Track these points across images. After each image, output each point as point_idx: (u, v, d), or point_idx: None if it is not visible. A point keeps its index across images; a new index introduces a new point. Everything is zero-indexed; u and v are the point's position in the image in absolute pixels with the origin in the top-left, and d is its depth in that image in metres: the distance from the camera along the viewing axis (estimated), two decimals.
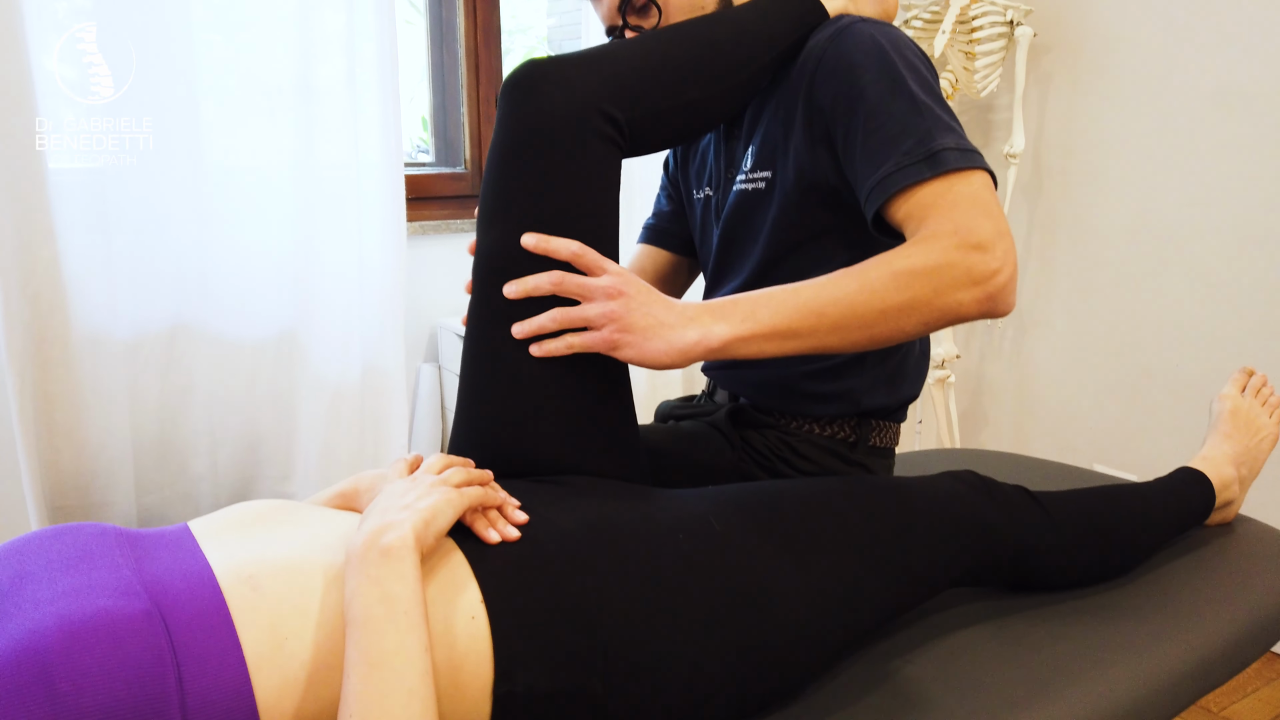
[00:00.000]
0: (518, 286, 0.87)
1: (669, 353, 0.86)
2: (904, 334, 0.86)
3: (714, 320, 0.86)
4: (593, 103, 0.90)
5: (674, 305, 0.88)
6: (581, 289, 0.86)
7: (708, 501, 0.87)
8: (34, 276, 1.56)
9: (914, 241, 0.86)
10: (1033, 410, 2.51)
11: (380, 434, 1.95)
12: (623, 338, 0.86)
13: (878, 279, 0.84)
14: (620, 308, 0.85)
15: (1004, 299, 0.85)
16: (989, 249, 0.83)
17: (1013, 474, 1.30)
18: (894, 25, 1.02)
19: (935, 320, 0.85)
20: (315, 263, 1.82)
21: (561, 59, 0.93)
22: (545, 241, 0.87)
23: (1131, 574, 1.11)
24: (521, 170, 0.90)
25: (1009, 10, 2.22)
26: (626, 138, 0.94)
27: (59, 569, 0.65)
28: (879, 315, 0.84)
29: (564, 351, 0.87)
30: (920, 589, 0.94)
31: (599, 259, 0.87)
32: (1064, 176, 2.35)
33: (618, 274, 0.87)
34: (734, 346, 0.86)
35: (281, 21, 1.72)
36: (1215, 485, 1.19)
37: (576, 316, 0.86)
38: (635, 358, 0.86)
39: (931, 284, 0.83)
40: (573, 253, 0.87)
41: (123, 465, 1.68)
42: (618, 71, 0.94)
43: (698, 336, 0.85)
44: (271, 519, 0.76)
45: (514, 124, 0.90)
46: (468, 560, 0.73)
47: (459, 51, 2.23)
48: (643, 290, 0.88)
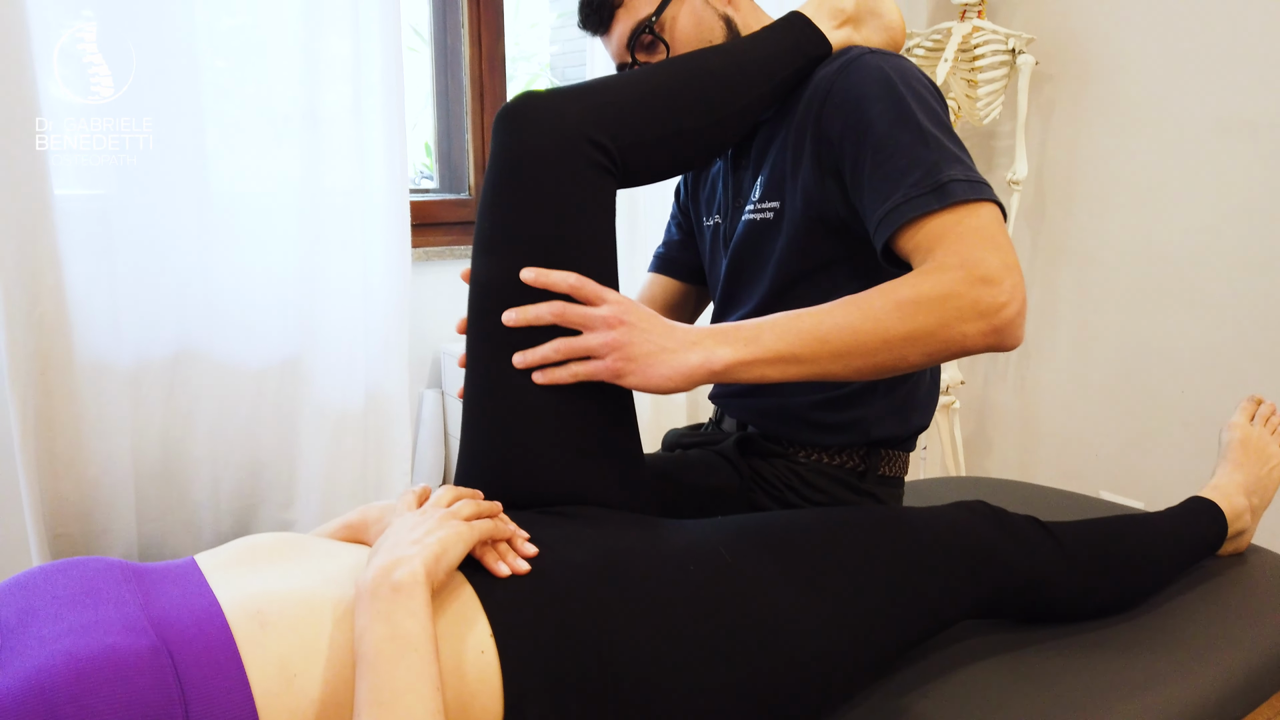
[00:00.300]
0: (517, 315, 0.87)
1: (673, 377, 0.85)
2: (908, 364, 0.86)
3: (717, 344, 0.86)
4: (582, 132, 0.91)
5: (676, 330, 0.88)
6: (583, 319, 0.86)
7: (718, 532, 0.86)
8: (39, 302, 1.56)
9: (921, 272, 0.86)
10: (1037, 436, 2.50)
11: (383, 460, 1.94)
12: (626, 365, 0.85)
13: (881, 308, 0.84)
14: (622, 335, 0.85)
15: (1011, 333, 0.84)
16: (997, 282, 0.83)
17: (1020, 502, 1.29)
18: (902, 55, 1.03)
19: (940, 352, 0.85)
20: (320, 288, 1.82)
21: (554, 91, 0.94)
22: (544, 275, 0.87)
23: (1145, 606, 1.09)
24: (514, 199, 0.90)
25: (1010, 39, 2.23)
26: (619, 166, 0.94)
27: (65, 605, 0.64)
28: (882, 344, 0.84)
29: (568, 380, 0.87)
30: (932, 622, 0.93)
31: (598, 289, 0.88)
32: (1067, 203, 2.36)
33: (618, 302, 0.87)
34: (736, 370, 0.86)
35: (288, 48, 1.73)
36: (1227, 515, 1.18)
37: (579, 346, 0.86)
38: (640, 384, 0.86)
39: (937, 315, 0.83)
40: (571, 285, 0.87)
41: (124, 493, 1.67)
42: (608, 101, 0.95)
43: (700, 360, 0.85)
44: (279, 553, 0.75)
45: (506, 154, 0.91)
46: (477, 594, 0.73)
47: (463, 79, 2.24)
48: (644, 317, 0.87)
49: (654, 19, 1.10)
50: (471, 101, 2.23)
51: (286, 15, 1.72)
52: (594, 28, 1.16)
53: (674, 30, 1.11)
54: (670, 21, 1.11)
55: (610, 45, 1.15)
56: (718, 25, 1.11)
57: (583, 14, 1.16)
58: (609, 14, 1.13)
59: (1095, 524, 1.10)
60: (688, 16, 1.11)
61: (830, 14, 1.09)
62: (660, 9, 1.10)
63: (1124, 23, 2.19)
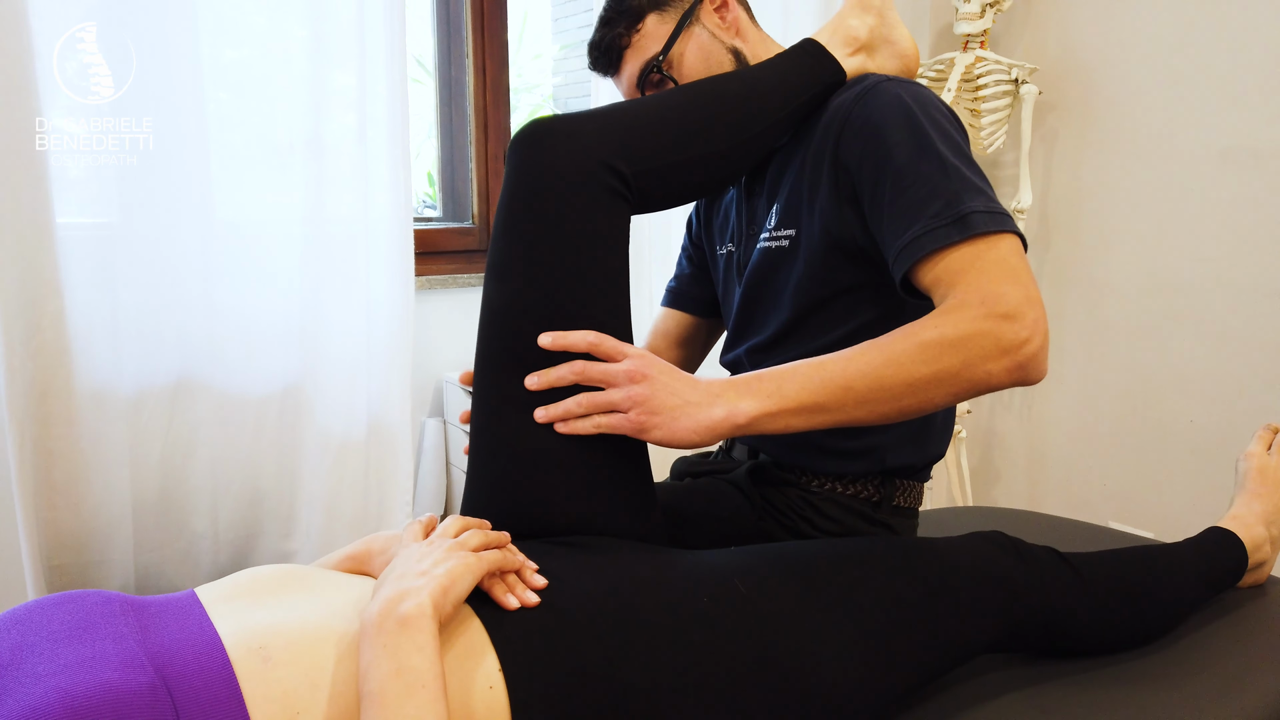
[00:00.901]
0: (539, 379, 0.86)
1: (698, 430, 0.84)
2: (933, 405, 0.85)
3: (739, 396, 0.85)
4: (597, 157, 0.90)
5: (698, 383, 0.87)
6: (605, 375, 0.85)
7: (732, 563, 0.85)
8: (39, 331, 1.55)
9: (941, 311, 0.85)
10: (1044, 466, 2.48)
11: (385, 490, 1.92)
12: (650, 419, 0.85)
13: (904, 351, 0.83)
14: (645, 390, 0.85)
15: (1035, 367, 0.83)
16: (1018, 317, 0.82)
17: (1031, 533, 1.27)
18: (920, 83, 1.02)
19: (965, 391, 0.84)
20: (322, 316, 1.81)
21: (568, 116, 0.94)
22: (562, 337, 0.86)
23: (1165, 639, 1.07)
24: (530, 225, 0.89)
25: (1013, 69, 2.24)
26: (633, 192, 0.93)
27: (61, 640, 0.62)
28: (906, 388, 0.83)
29: (590, 431, 0.86)
30: (951, 655, 0.91)
31: (617, 345, 0.87)
32: (1072, 231, 2.35)
33: (638, 356, 0.87)
34: (761, 422, 0.84)
35: (293, 80, 1.73)
36: (1247, 546, 1.16)
37: (602, 401, 0.85)
38: (664, 438, 0.85)
39: (960, 355, 0.82)
40: (590, 343, 0.86)
41: (121, 523, 1.65)
42: (623, 126, 0.94)
43: (724, 413, 0.84)
44: (282, 585, 0.73)
45: (521, 179, 0.90)
46: (485, 627, 0.71)
47: (468, 109, 2.24)
48: (665, 370, 0.87)
49: (662, 57, 1.10)
50: (476, 131, 2.24)
51: (292, 50, 1.73)
52: (604, 69, 1.16)
53: (682, 66, 1.11)
54: (678, 58, 1.11)
55: (621, 85, 1.16)
56: (726, 58, 1.11)
57: (592, 56, 1.16)
58: (617, 55, 1.13)
59: (1114, 555, 1.07)
60: (695, 52, 1.11)
61: (844, 41, 1.09)
62: (668, 47, 1.10)
63: (1126, 52, 2.20)
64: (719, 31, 1.12)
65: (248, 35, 1.71)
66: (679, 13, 1.11)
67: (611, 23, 1.13)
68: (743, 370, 1.13)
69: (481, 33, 2.21)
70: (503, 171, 2.24)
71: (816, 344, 1.03)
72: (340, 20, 1.75)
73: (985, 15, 2.24)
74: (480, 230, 2.27)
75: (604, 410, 0.86)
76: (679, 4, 1.11)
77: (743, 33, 1.14)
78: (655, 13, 1.11)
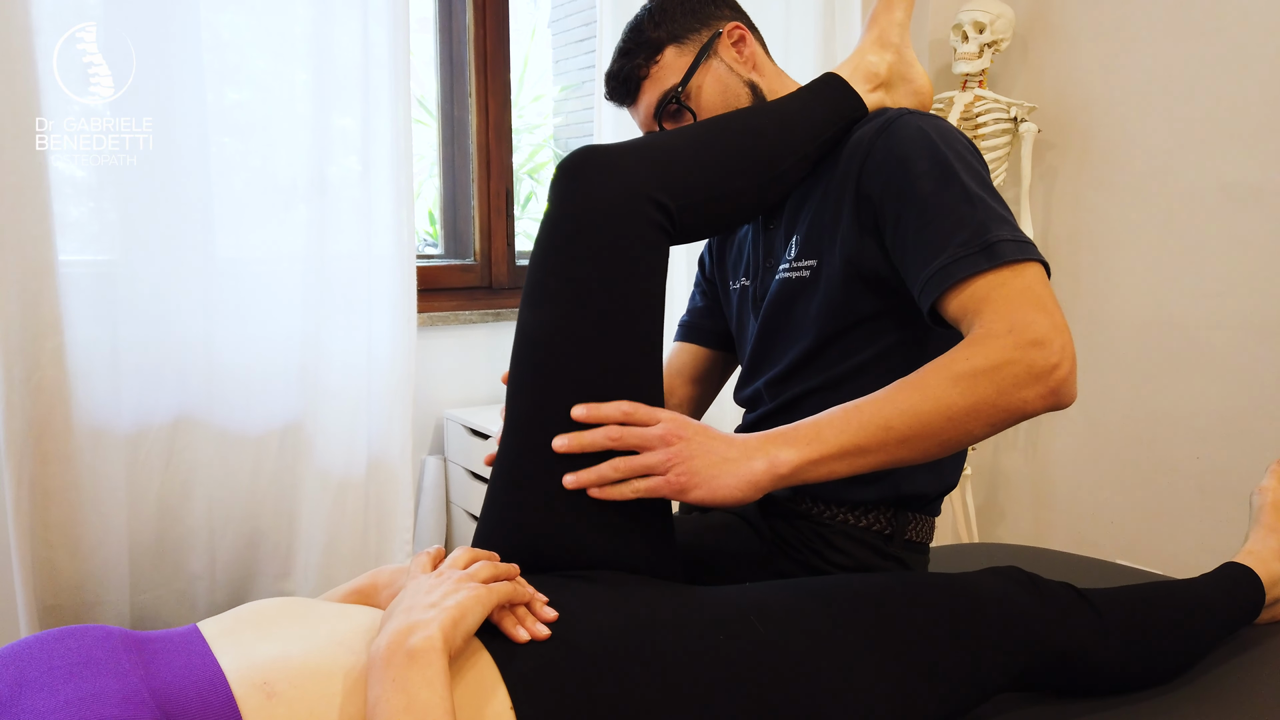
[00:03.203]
0: (569, 441, 0.85)
1: (740, 487, 0.83)
2: (972, 437, 0.84)
3: (778, 448, 0.84)
4: (644, 191, 0.90)
5: (734, 440, 0.86)
6: (641, 440, 0.84)
7: (749, 599, 0.83)
8: (38, 368, 1.53)
9: (970, 341, 0.85)
10: (1050, 503, 2.46)
11: (384, 529, 1.89)
12: (690, 480, 0.83)
13: (939, 385, 0.83)
14: (682, 451, 0.84)
15: (1067, 392, 0.84)
16: (1047, 344, 0.82)
17: (1044, 569, 1.24)
18: (940, 116, 1.03)
19: (1002, 420, 0.83)
20: (323, 354, 1.80)
21: (614, 147, 0.94)
22: (595, 409, 0.85)
23: (1185, 678, 1.05)
24: (573, 255, 0.89)
25: (1012, 108, 2.26)
26: (675, 225, 0.93)
27: (61, 676, 0.60)
28: (946, 422, 0.82)
29: (629, 497, 0.84)
30: (970, 695, 0.88)
31: (650, 411, 0.86)
32: (1074, 269, 2.36)
33: (671, 419, 0.86)
34: (805, 471, 0.84)
35: (296, 121, 1.74)
36: (1264, 581, 1.14)
37: (639, 465, 0.84)
38: (705, 497, 0.84)
39: (994, 385, 0.82)
40: (625, 413, 0.85)
41: (118, 563, 1.62)
42: (669, 160, 0.94)
43: (766, 466, 0.83)
44: (287, 617, 0.71)
45: (566, 208, 0.90)
46: (495, 662, 0.69)
47: (470, 148, 2.26)
48: (699, 431, 0.86)
49: (680, 89, 1.11)
50: (478, 169, 2.25)
51: (296, 93, 1.74)
52: (621, 99, 1.17)
53: (700, 99, 1.12)
54: (696, 90, 1.12)
55: (637, 115, 1.16)
56: (743, 92, 1.12)
57: (609, 86, 1.17)
58: (635, 86, 1.14)
59: (1131, 591, 1.05)
60: (714, 85, 1.12)
61: (865, 77, 1.10)
62: (686, 79, 1.11)
63: (1124, 90, 2.22)
64: (736, 65, 1.13)
65: (250, 77, 1.72)
66: (697, 46, 1.12)
67: (630, 54, 1.14)
68: (760, 405, 1.12)
69: (484, 73, 2.23)
70: (504, 209, 2.26)
71: (835, 371, 1.03)
72: (345, 63, 1.76)
73: (983, 55, 2.27)
74: (482, 267, 2.27)
75: (641, 474, 0.84)
76: (697, 38, 1.12)
77: (759, 67, 1.15)
78: (674, 45, 1.12)
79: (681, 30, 1.12)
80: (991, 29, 2.25)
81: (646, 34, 1.13)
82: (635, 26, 1.15)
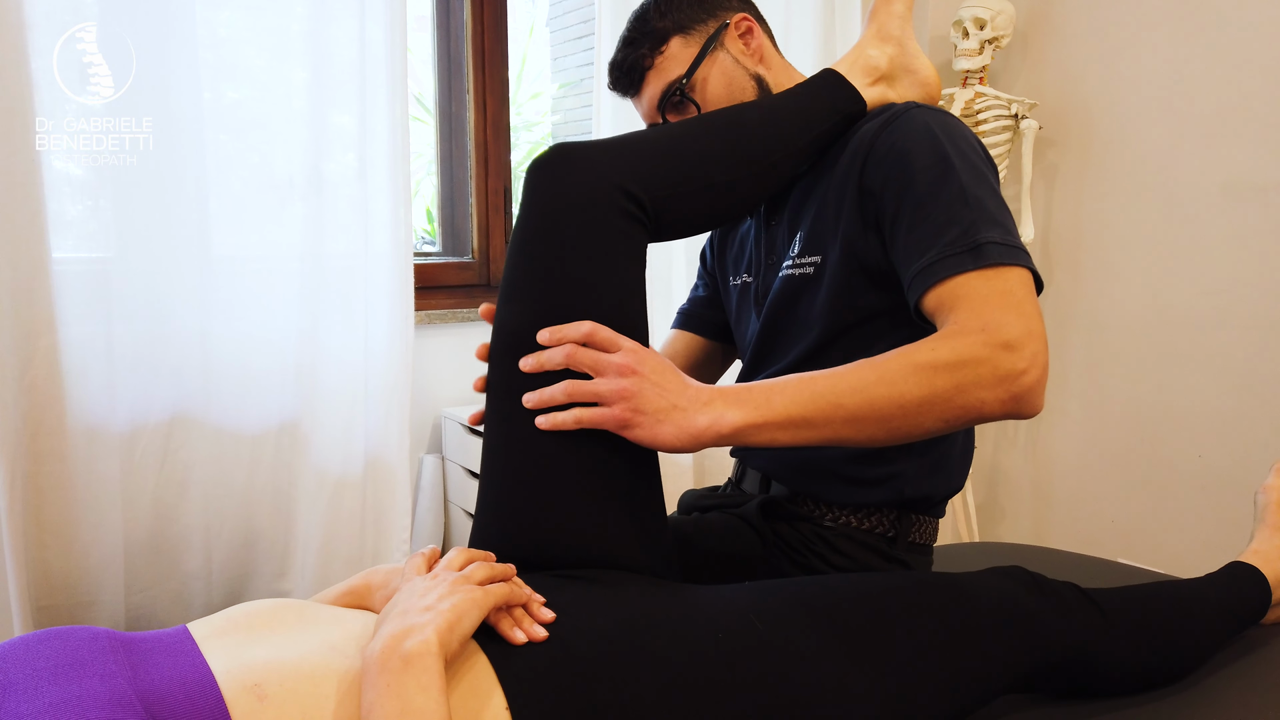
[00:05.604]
0: (533, 360, 0.84)
1: (680, 437, 0.82)
2: (924, 430, 0.82)
3: (727, 406, 0.83)
4: (615, 182, 0.89)
5: (689, 387, 0.84)
6: (595, 363, 0.83)
7: (748, 599, 0.82)
8: (31, 365, 1.52)
9: (940, 335, 0.83)
10: (1050, 503, 2.45)
11: (381, 528, 1.88)
12: (634, 416, 0.82)
13: (897, 371, 0.81)
14: (633, 385, 0.82)
15: (1030, 401, 0.82)
16: (1018, 348, 0.81)
17: (1046, 569, 1.23)
18: (948, 111, 1.01)
19: (956, 418, 0.82)
20: (320, 352, 1.79)
21: (586, 143, 0.93)
22: (558, 331, 0.84)
23: (1190, 679, 1.03)
24: (544, 247, 0.88)
25: (1013, 104, 2.25)
26: (651, 218, 0.92)
27: (46, 679, 0.58)
28: (897, 409, 0.81)
29: (572, 425, 0.83)
30: (973, 696, 0.87)
31: (613, 335, 0.84)
32: (1074, 266, 2.35)
33: (633, 350, 0.84)
34: (746, 434, 0.82)
35: (293, 118, 1.73)
36: (1270, 581, 1.13)
37: (588, 390, 0.82)
38: (645, 439, 0.82)
39: (954, 380, 0.80)
40: (585, 333, 0.84)
41: (112, 563, 1.61)
42: (639, 153, 0.93)
43: (709, 422, 0.82)
44: (279, 619, 0.70)
45: (538, 202, 0.89)
46: (492, 664, 0.68)
47: (468, 145, 2.25)
48: (658, 369, 0.84)
49: (685, 80, 1.09)
50: (476, 167, 2.24)
51: (294, 91, 1.73)
52: (624, 89, 1.15)
53: (705, 91, 1.10)
54: (701, 82, 1.10)
55: (641, 106, 1.15)
56: (749, 85, 1.10)
57: (612, 75, 1.15)
58: (639, 76, 1.12)
59: (1136, 591, 1.04)
60: (719, 77, 1.10)
61: (864, 71, 1.08)
62: (691, 70, 1.09)
63: (1125, 86, 2.21)
64: (742, 57, 1.11)
65: (247, 74, 1.71)
66: (703, 37, 1.10)
67: (635, 43, 1.12)
68: None
69: (482, 70, 2.22)
70: (503, 207, 2.25)
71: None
72: (342, 60, 1.75)
73: (984, 51, 2.26)
74: (480, 265, 2.26)
75: (588, 400, 0.83)
76: (704, 28, 1.10)
77: (766, 60, 1.13)
78: (679, 36, 1.10)
79: (688, 20, 1.10)
80: (992, 25, 2.23)
81: (652, 23, 1.11)
82: (641, 15, 1.12)
